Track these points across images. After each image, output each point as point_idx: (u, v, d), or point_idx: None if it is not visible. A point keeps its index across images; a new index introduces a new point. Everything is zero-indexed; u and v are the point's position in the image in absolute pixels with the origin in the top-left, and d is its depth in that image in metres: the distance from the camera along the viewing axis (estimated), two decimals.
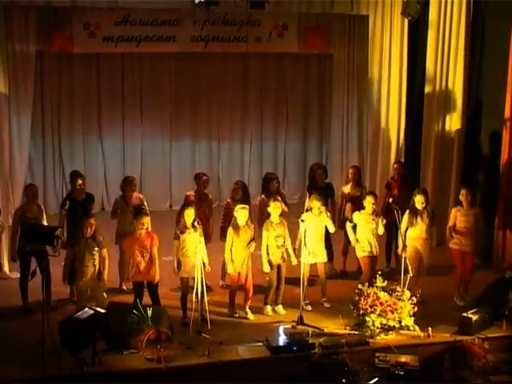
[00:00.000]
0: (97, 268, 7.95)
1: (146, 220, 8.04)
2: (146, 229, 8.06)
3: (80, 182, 9.06)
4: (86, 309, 7.16)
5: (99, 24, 12.01)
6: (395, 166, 10.30)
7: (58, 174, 13.22)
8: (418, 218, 8.66)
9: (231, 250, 8.20)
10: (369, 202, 8.63)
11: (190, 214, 8.02)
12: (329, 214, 8.73)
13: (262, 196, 9.28)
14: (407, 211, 8.71)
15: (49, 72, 12.76)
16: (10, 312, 8.34)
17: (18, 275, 8.58)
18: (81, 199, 9.02)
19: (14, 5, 10.80)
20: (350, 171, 9.98)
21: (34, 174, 12.91)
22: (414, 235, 8.68)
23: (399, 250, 8.64)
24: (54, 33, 11.91)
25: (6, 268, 9.50)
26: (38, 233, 7.37)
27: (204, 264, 7.96)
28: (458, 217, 8.74)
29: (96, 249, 7.92)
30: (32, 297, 8.22)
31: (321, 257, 8.64)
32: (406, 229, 8.67)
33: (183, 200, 9.32)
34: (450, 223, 8.79)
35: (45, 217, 8.72)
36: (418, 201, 8.67)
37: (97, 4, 11.39)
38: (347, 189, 9.80)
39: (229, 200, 9.20)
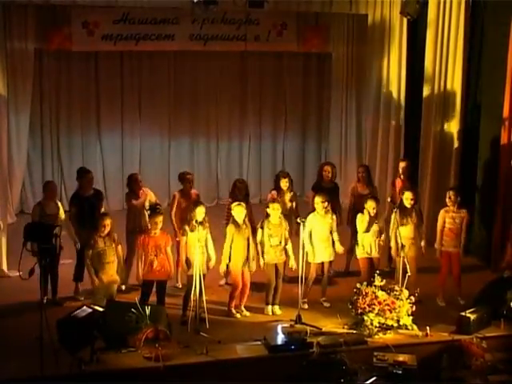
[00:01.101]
0: (114, 265, 7.95)
1: (160, 219, 8.06)
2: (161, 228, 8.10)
3: (90, 177, 9.08)
4: (85, 307, 7.16)
5: (98, 22, 12.01)
6: (402, 164, 10.26)
7: (57, 172, 13.22)
8: (408, 218, 8.65)
9: (231, 248, 8.20)
10: (370, 206, 8.61)
11: (201, 212, 8.02)
12: (334, 216, 8.72)
13: (272, 192, 9.29)
14: (396, 210, 8.66)
15: (47, 70, 12.77)
16: (9, 310, 8.32)
17: (17, 273, 8.56)
18: (88, 195, 8.99)
19: (13, 3, 10.81)
20: (359, 170, 10.00)
21: (32, 173, 12.93)
22: (402, 235, 8.62)
23: (392, 251, 8.65)
24: (52, 31, 11.91)
25: (5, 267, 9.49)
26: (36, 231, 7.35)
27: (210, 259, 8.07)
28: (446, 218, 8.75)
29: (113, 246, 7.94)
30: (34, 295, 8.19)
31: (327, 256, 8.64)
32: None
33: (171, 199, 9.34)
34: (439, 226, 8.77)
35: (61, 213, 8.75)
36: (407, 197, 8.65)
37: (96, 2, 11.41)
38: (357, 186, 9.78)
39: (230, 200, 9.19)
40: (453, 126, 10.98)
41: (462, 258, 8.89)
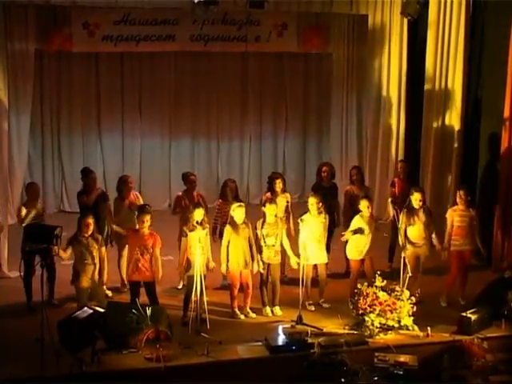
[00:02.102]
0: (97, 267, 7.92)
1: (147, 218, 8.01)
2: (149, 226, 8.05)
3: (93, 177, 9.12)
4: (86, 308, 7.17)
5: (98, 23, 11.99)
6: (400, 164, 10.24)
7: (58, 173, 13.24)
8: (416, 217, 8.66)
9: (228, 249, 8.20)
10: (364, 205, 8.60)
11: (199, 215, 8.01)
12: (327, 215, 8.70)
13: (267, 194, 9.29)
14: (404, 210, 8.70)
15: (48, 71, 12.78)
16: (9, 311, 8.34)
17: (18, 274, 8.57)
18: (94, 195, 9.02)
19: (14, 3, 10.80)
20: (352, 172, 9.97)
21: (33, 174, 12.94)
22: (412, 235, 8.67)
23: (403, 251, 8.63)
24: (53, 32, 11.90)
25: (5, 267, 9.49)
26: (37, 232, 7.36)
27: (208, 261, 8.08)
28: (454, 217, 8.73)
29: (96, 247, 7.91)
30: (34, 296, 8.22)
31: (320, 258, 8.62)
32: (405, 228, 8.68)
33: (174, 202, 9.38)
34: (449, 227, 8.72)
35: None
36: (416, 199, 8.64)
37: (96, 3, 11.41)
38: (352, 189, 9.78)
39: (220, 200, 9.19)
40: (453, 126, 10.98)
41: (471, 258, 8.89)
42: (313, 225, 8.49)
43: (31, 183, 9.40)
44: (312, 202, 8.52)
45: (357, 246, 8.61)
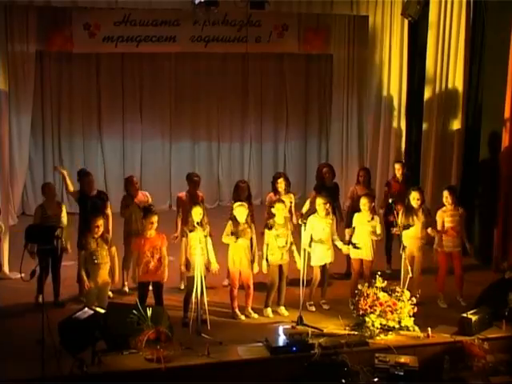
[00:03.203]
0: (106, 267, 7.92)
1: (155, 219, 8.01)
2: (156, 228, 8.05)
3: (87, 180, 9.08)
4: (86, 309, 7.16)
5: (99, 24, 12.05)
6: (396, 165, 10.25)
7: (58, 174, 13.21)
8: (414, 217, 8.65)
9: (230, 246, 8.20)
10: (362, 203, 8.59)
11: (197, 213, 8.01)
12: (334, 217, 8.70)
13: (270, 195, 9.30)
14: (403, 210, 8.68)
15: (49, 72, 12.79)
16: (11, 312, 8.32)
17: (18, 275, 8.57)
18: (92, 196, 9.02)
19: (14, 5, 10.82)
20: (360, 173, 9.97)
21: (33, 174, 12.95)
22: (409, 235, 8.64)
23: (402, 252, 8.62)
24: (53, 33, 11.95)
25: (6, 268, 9.49)
26: (37, 232, 7.35)
27: (210, 263, 8.06)
28: (444, 217, 8.72)
29: (105, 248, 7.91)
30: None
31: (329, 257, 8.62)
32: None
33: (176, 201, 9.40)
34: (439, 227, 8.71)
35: (64, 214, 8.77)
36: (413, 197, 8.63)
37: (97, 4, 11.42)
38: (356, 189, 9.78)
39: (233, 201, 9.15)
40: (454, 127, 10.98)
41: (462, 258, 8.87)
42: (320, 226, 8.47)
43: (47, 183, 9.39)
44: (319, 202, 8.49)
45: (357, 245, 8.59)
